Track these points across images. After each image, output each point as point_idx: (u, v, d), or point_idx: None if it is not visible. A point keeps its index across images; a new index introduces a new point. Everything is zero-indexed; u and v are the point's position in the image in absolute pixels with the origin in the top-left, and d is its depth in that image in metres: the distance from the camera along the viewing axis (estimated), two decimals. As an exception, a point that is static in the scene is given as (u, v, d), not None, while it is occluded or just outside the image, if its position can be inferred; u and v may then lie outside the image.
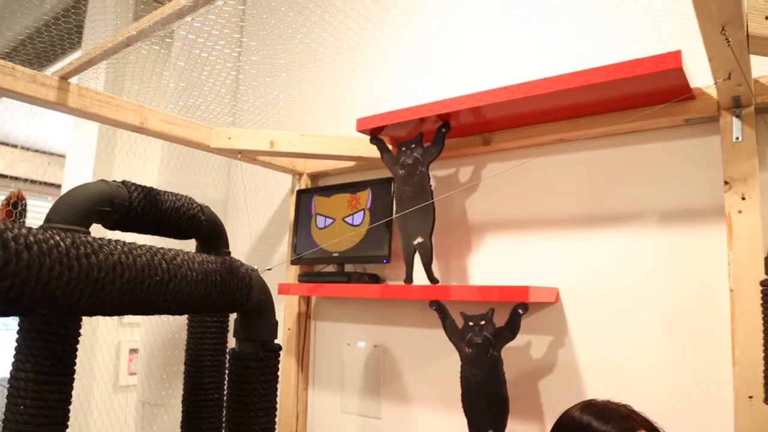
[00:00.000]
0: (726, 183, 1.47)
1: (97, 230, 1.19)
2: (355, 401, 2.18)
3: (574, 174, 1.78)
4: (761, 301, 1.20)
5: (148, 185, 1.33)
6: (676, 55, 1.38)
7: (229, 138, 2.06)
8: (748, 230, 1.43)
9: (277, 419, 1.43)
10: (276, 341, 1.32)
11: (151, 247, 0.96)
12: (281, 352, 2.14)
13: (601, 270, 1.70)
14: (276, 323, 1.32)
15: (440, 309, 1.70)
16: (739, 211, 1.45)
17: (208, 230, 1.42)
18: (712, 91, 1.51)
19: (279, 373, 1.38)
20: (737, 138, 1.47)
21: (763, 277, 1.20)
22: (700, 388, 1.52)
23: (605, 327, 1.67)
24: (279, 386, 2.27)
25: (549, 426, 1.75)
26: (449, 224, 2.00)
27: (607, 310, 1.67)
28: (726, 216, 1.46)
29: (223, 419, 1.37)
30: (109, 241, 0.89)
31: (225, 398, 1.30)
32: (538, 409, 1.77)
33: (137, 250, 0.91)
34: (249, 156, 2.17)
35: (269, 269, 1.33)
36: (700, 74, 1.53)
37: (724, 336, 1.47)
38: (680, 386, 1.55)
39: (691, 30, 1.58)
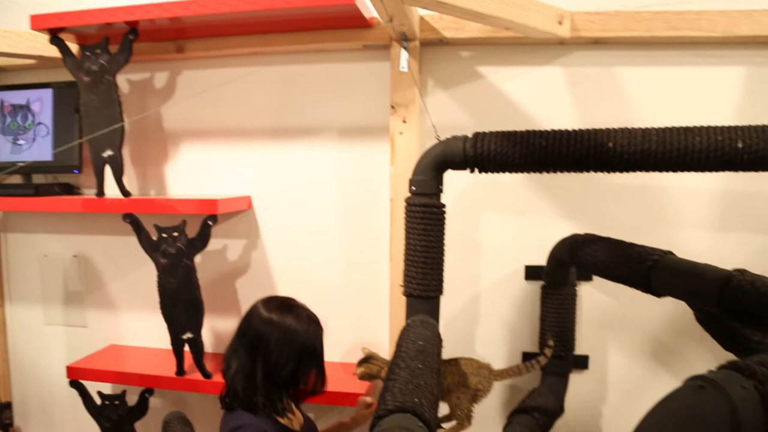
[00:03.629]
0: (392, 107, 1.68)
1: None
2: (59, 312, 2.13)
3: (267, 87, 1.85)
4: (404, 214, 1.44)
5: None
6: (351, -9, 1.49)
7: None
8: (407, 150, 1.67)
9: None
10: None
11: None
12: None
13: (289, 179, 1.86)
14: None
15: (134, 222, 1.71)
16: (401, 133, 1.68)
17: None
18: (386, 23, 1.67)
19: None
20: (403, 67, 1.67)
21: (408, 194, 1.44)
22: (367, 278, 1.81)
23: (292, 230, 1.86)
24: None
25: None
26: (144, 133, 1.95)
27: (294, 215, 1.86)
28: (390, 136, 1.68)
29: None
30: None
31: None
32: (235, 306, 1.94)
33: None
34: None
35: None
36: (376, 4, 1.67)
37: (385, 237, 1.74)
38: (352, 278, 1.83)
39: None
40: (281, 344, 1.31)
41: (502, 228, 1.72)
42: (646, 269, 1.19)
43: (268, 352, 1.31)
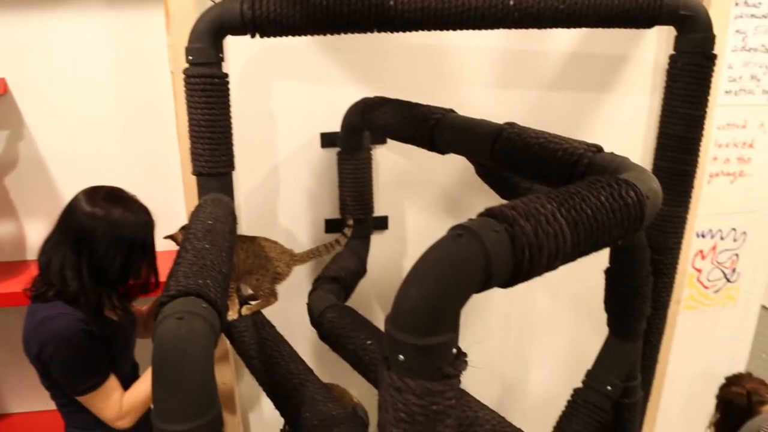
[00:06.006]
0: (162, -34, 1.49)
1: None
2: None
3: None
4: (184, 87, 1.32)
5: None
6: None
7: None
8: (183, 16, 1.50)
9: None
10: None
11: None
12: None
13: (52, 56, 1.60)
14: None
15: None
16: (174, -4, 1.50)
17: None
18: None
19: None
20: None
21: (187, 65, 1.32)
22: (156, 162, 1.68)
23: (63, 114, 1.64)
24: None
25: (29, 219, 1.73)
26: None
27: (63, 96, 1.63)
28: (164, 0, 1.50)
29: None
30: None
31: None
32: (8, 206, 1.71)
33: None
34: None
35: None
36: None
37: (170, 114, 1.60)
38: (140, 163, 1.69)
39: None
40: (108, 239, 1.24)
41: (294, 96, 1.66)
42: (429, 128, 1.23)
43: (93, 248, 1.24)
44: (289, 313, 1.59)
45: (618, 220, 0.74)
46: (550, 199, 0.69)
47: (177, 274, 0.89)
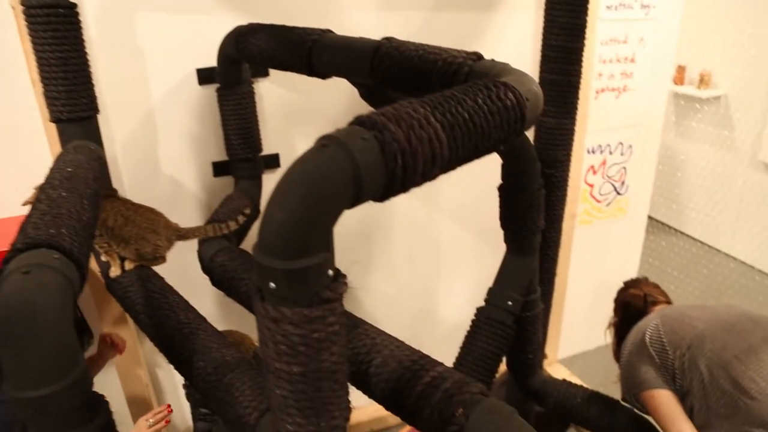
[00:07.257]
0: None
1: None
2: None
3: None
4: (26, 22, 1.17)
5: None
6: None
7: None
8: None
9: None
10: None
11: None
12: None
13: None
14: None
15: None
16: None
17: None
18: None
19: None
20: None
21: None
22: (8, 116, 1.48)
23: None
24: None
25: None
26: None
27: None
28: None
29: None
30: None
31: None
32: None
33: None
34: None
35: None
36: None
37: (19, 57, 1.42)
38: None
39: None
40: None
41: (162, 29, 1.51)
42: (306, 51, 1.15)
43: None
44: (186, 264, 1.50)
45: (497, 123, 0.70)
46: (423, 103, 0.64)
47: (26, 228, 0.79)
